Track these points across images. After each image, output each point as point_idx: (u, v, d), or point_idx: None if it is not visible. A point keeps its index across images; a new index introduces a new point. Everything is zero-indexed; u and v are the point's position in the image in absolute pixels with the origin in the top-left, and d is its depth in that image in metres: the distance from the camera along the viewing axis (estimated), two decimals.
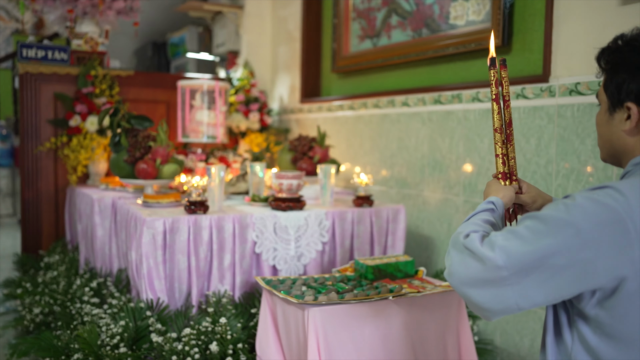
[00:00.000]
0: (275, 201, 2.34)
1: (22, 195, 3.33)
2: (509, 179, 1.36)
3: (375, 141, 3.11)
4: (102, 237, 2.61)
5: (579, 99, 2.04)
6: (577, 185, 2.05)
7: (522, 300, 1.00)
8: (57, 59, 3.38)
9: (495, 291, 1.01)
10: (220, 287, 2.19)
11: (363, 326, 1.78)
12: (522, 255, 0.98)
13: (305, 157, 2.82)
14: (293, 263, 2.31)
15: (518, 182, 1.37)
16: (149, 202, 2.36)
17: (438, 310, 1.91)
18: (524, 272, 0.98)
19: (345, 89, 3.50)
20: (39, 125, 3.32)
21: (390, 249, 2.51)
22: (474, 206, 2.48)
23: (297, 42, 3.83)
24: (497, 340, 2.38)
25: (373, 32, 3.23)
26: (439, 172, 2.68)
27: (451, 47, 2.66)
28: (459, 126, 2.57)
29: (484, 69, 2.53)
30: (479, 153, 2.46)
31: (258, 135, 3.77)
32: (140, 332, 2.03)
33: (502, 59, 1.39)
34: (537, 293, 0.99)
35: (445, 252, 2.65)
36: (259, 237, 2.24)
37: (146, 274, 2.08)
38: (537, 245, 0.98)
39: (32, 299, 2.58)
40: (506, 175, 1.35)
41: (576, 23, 2.06)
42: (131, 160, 2.47)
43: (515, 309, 1.03)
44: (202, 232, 2.15)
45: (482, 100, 2.45)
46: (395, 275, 2.11)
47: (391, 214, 2.52)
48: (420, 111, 2.79)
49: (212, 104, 3.35)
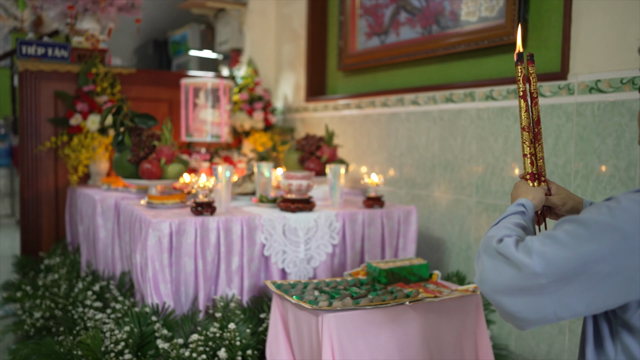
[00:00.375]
0: (284, 202, 2.27)
1: (21, 196, 3.25)
2: (537, 180, 1.29)
3: (384, 140, 3.05)
4: (104, 239, 2.54)
5: (599, 96, 1.97)
6: (597, 187, 1.99)
7: (561, 309, 0.94)
8: (57, 57, 3.31)
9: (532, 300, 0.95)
10: (228, 291, 2.12)
11: (379, 332, 1.71)
12: (562, 262, 0.92)
13: (313, 156, 2.75)
14: (302, 266, 2.24)
15: (547, 183, 1.31)
16: (153, 203, 2.29)
17: (455, 315, 1.84)
18: (564, 280, 0.92)
19: (352, 88, 3.43)
20: (38, 124, 3.24)
21: (402, 252, 2.45)
22: (487, 207, 2.42)
23: (302, 40, 3.76)
24: (512, 346, 2.32)
25: (381, 30, 3.17)
26: (450, 172, 2.62)
27: (463, 44, 2.59)
28: (472, 125, 2.50)
29: (497, 67, 2.47)
30: (493, 153, 2.40)
31: (262, 134, 3.70)
32: (146, 338, 1.96)
33: (530, 54, 1.33)
34: (578, 302, 0.93)
35: (456, 254, 2.59)
36: (268, 239, 2.18)
37: (151, 278, 2.01)
38: (578, 251, 0.91)
39: (32, 303, 2.50)
40: (534, 176, 1.29)
41: (597, 18, 1.99)
42: (135, 159, 2.40)
43: (553, 319, 0.96)
44: (210, 234, 2.08)
45: (496, 99, 2.39)
46: (409, 279, 2.04)
47: (402, 215, 2.45)
48: (431, 110, 2.73)
49: (216, 102, 3.28)
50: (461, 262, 2.57)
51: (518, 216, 1.17)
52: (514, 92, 2.30)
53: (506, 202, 2.33)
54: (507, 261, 0.98)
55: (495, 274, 1.00)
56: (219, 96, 3.27)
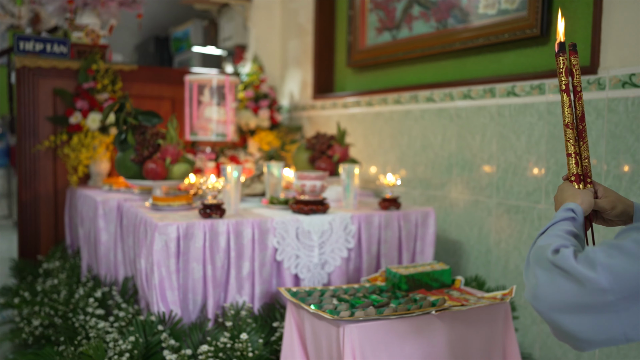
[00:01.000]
0: (298, 204, 2.15)
1: (19, 197, 3.13)
2: (583, 182, 1.18)
3: (396, 139, 2.93)
4: (106, 243, 2.41)
5: (633, 91, 1.86)
6: (631, 187, 1.87)
7: (631, 330, 0.83)
8: (56, 53, 3.19)
9: (597, 319, 0.84)
10: (238, 298, 2.00)
11: (403, 344, 1.60)
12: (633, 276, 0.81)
13: (324, 156, 2.63)
14: (317, 271, 2.12)
15: (593, 185, 1.19)
16: (158, 205, 2.17)
17: (483, 325, 1.73)
18: (635, 297, 0.81)
19: (362, 85, 3.32)
20: (37, 122, 3.12)
21: (419, 256, 2.33)
22: (509, 209, 2.31)
23: (309, 36, 3.65)
24: (536, 354, 2.20)
25: (392, 24, 3.05)
26: (469, 172, 2.50)
27: (481, 38, 2.48)
28: (492, 122, 2.39)
29: (518, 62, 2.35)
30: (515, 151, 2.29)
31: (268, 133, 3.58)
32: (151, 348, 1.84)
33: (572, 44, 1.21)
34: None
35: (475, 257, 2.47)
36: (280, 243, 2.06)
37: (158, 284, 1.89)
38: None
39: (30, 309, 2.38)
40: (580, 177, 1.18)
41: (631, 8, 1.88)
42: (139, 159, 2.28)
43: (621, 341, 0.86)
44: (219, 238, 1.97)
45: (518, 95, 2.27)
46: (431, 285, 1.93)
47: (420, 218, 2.33)
48: (447, 107, 2.61)
49: (221, 99, 3.16)
50: (480, 266, 2.45)
51: (568, 223, 1.06)
52: (538, 88, 2.19)
53: (529, 203, 2.22)
54: (566, 275, 0.88)
55: (553, 289, 0.89)
56: (225, 93, 3.15)
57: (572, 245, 0.95)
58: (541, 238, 1.04)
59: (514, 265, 2.30)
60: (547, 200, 2.15)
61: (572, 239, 1.00)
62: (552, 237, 1.00)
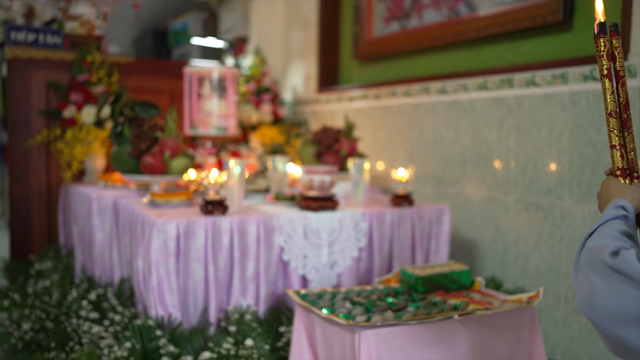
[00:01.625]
0: (305, 200, 2.02)
1: (10, 194, 2.99)
2: (629, 177, 1.05)
3: (406, 133, 2.80)
4: (101, 242, 2.28)
5: None
6: None
7: None
8: (49, 44, 3.05)
9: None
10: (242, 300, 1.87)
11: (423, 351, 1.47)
12: None
13: (331, 150, 2.50)
14: (325, 272, 1.99)
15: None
16: (157, 202, 2.03)
17: (509, 330, 1.60)
18: None
19: (369, 77, 3.18)
20: (29, 116, 2.98)
21: (434, 255, 2.20)
22: (528, 206, 2.18)
23: (312, 27, 3.51)
24: None
25: (401, 13, 2.92)
26: (484, 167, 2.37)
27: (497, 26, 2.35)
28: (510, 115, 2.26)
29: (538, 50, 2.22)
30: (535, 145, 2.16)
31: (270, 128, 3.45)
32: (149, 355, 1.71)
33: (614, 24, 1.08)
34: None
35: (491, 257, 2.34)
36: (287, 242, 1.92)
37: (156, 286, 1.75)
38: None
39: (21, 313, 2.25)
40: (626, 172, 1.05)
41: None
42: (136, 153, 2.15)
43: None
44: (222, 236, 1.83)
45: (539, 85, 2.14)
46: (449, 287, 1.80)
47: (434, 215, 2.20)
48: (461, 99, 2.48)
49: (222, 92, 3.02)
50: (497, 266, 2.32)
51: (620, 222, 0.94)
52: (561, 77, 2.06)
53: (551, 200, 2.09)
54: (629, 281, 0.76)
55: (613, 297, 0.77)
56: (226, 86, 3.02)
57: (631, 247, 0.83)
58: (591, 239, 0.92)
59: (533, 266, 2.17)
60: (570, 196, 2.03)
61: (628, 240, 0.87)
62: (606, 238, 0.88)
